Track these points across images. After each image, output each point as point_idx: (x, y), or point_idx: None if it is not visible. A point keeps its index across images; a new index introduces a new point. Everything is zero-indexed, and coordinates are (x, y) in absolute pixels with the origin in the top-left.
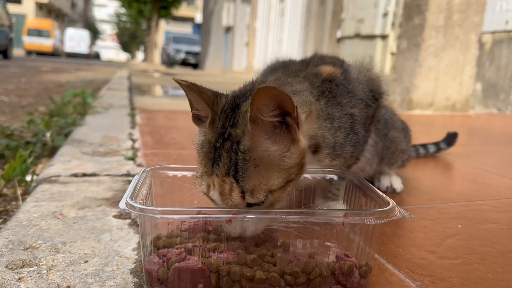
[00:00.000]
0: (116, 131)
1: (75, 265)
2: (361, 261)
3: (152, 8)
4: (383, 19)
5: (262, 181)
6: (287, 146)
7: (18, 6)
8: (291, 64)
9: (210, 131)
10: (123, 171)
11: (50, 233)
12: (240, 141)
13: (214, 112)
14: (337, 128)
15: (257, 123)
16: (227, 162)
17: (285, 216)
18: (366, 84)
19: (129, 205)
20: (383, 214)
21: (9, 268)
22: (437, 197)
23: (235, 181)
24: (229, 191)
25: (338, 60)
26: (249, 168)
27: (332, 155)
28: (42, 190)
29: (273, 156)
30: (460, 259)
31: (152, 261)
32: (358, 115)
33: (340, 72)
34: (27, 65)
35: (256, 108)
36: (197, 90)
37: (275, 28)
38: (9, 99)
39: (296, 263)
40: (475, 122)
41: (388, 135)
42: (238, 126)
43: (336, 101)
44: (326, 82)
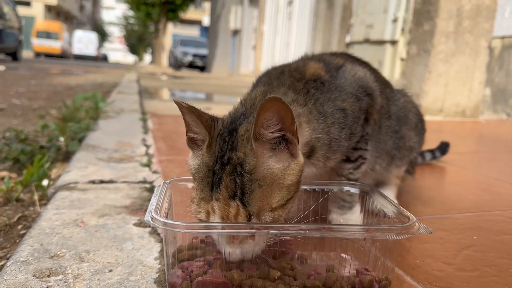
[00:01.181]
0: (129, 136)
1: (100, 274)
2: (381, 275)
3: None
4: (393, 24)
5: (265, 201)
6: (287, 163)
7: (28, 9)
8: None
9: (208, 155)
10: (140, 178)
11: (73, 241)
12: (244, 162)
13: (211, 136)
14: (331, 125)
15: (260, 140)
16: (231, 185)
17: (307, 232)
18: (353, 80)
19: (154, 219)
20: (404, 229)
21: (37, 277)
22: (451, 207)
23: (241, 204)
24: (235, 215)
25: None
26: (255, 189)
27: (327, 154)
28: (62, 197)
29: (276, 174)
30: (478, 272)
31: (176, 274)
32: (349, 108)
33: (324, 70)
34: (36, 67)
35: (260, 123)
36: (197, 113)
37: (282, 31)
38: (20, 102)
39: (316, 277)
40: (485, 129)
41: (399, 131)
42: (238, 148)
43: (325, 97)
44: (311, 82)
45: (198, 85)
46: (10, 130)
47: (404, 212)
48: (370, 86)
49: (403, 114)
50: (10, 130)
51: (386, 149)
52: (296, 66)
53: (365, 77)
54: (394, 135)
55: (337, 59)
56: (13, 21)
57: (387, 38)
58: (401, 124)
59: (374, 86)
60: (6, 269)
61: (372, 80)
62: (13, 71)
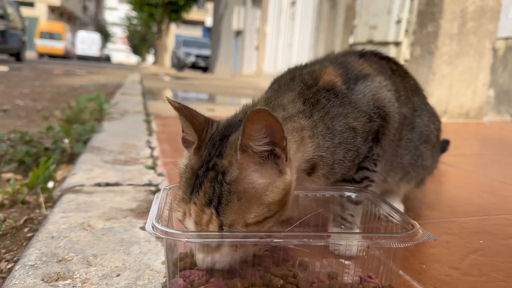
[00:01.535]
0: (134, 138)
1: (108, 278)
2: (384, 282)
3: (163, 12)
4: (397, 26)
5: (240, 215)
6: (272, 179)
7: (31, 9)
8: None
9: (195, 158)
10: (145, 180)
11: (80, 245)
12: (226, 171)
13: (201, 139)
14: (337, 145)
15: (247, 153)
16: (209, 192)
17: (312, 240)
18: (371, 98)
19: (155, 227)
20: (408, 237)
21: (45, 281)
22: (457, 211)
23: (215, 212)
24: (207, 222)
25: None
26: (232, 201)
27: (328, 174)
28: (68, 200)
29: (257, 190)
30: (485, 277)
31: (177, 284)
32: (360, 129)
33: (341, 80)
34: (39, 68)
35: (247, 134)
36: (188, 114)
37: (285, 32)
38: (24, 103)
39: (319, 285)
40: (489, 130)
41: (419, 148)
42: (224, 156)
43: (336, 112)
44: (323, 92)
45: (201, 85)
46: (15, 132)
47: (407, 219)
48: (386, 109)
49: (427, 130)
50: (15, 132)
51: (401, 164)
52: (312, 70)
53: (385, 99)
54: (413, 150)
55: (362, 66)
56: (16, 22)
57: (390, 40)
58: (422, 141)
59: (393, 108)
60: (14, 273)
61: (392, 101)
62: (16, 72)
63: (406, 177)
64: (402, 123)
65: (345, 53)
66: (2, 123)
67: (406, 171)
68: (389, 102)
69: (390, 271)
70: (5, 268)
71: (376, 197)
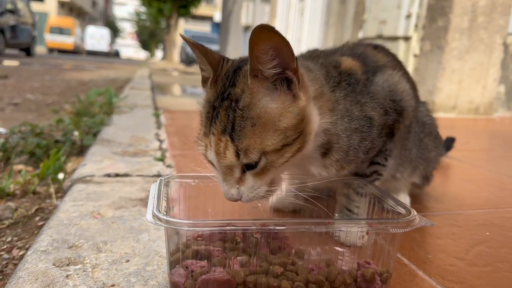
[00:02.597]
0: (143, 131)
1: (117, 264)
2: (382, 268)
3: (171, 7)
4: (406, 20)
5: (257, 141)
6: (285, 104)
7: (41, 4)
8: (313, 51)
9: (211, 91)
10: (154, 171)
11: (90, 232)
12: (239, 98)
13: (217, 73)
14: (354, 130)
15: (257, 78)
16: (224, 120)
17: (314, 227)
18: (388, 92)
19: (156, 217)
20: (406, 223)
21: (57, 266)
22: (464, 203)
23: (230, 139)
24: (224, 150)
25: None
26: (246, 126)
27: (342, 161)
28: (79, 190)
29: (271, 115)
30: (490, 267)
31: (178, 273)
32: (376, 119)
33: (361, 70)
34: (49, 62)
35: (255, 55)
36: (203, 50)
37: (294, 27)
38: (34, 97)
39: (318, 271)
40: (499, 126)
41: (423, 140)
42: (237, 84)
43: (355, 98)
44: (344, 75)
45: None
46: (26, 124)
47: (405, 206)
48: (403, 104)
49: (429, 122)
50: (25, 124)
51: (409, 158)
52: (333, 58)
53: (403, 92)
54: (419, 143)
55: (378, 56)
56: (26, 17)
57: (400, 34)
58: (426, 133)
59: (410, 103)
60: (27, 258)
61: (411, 96)
62: (27, 67)
63: (414, 172)
64: (413, 116)
65: (360, 44)
66: (13, 116)
67: (414, 166)
68: (407, 96)
69: (388, 256)
70: (17, 255)
71: (376, 187)
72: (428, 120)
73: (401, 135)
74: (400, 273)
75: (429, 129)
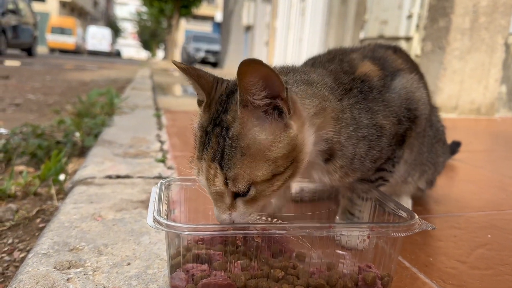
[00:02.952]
0: (144, 132)
1: (118, 267)
2: (383, 272)
3: (173, 7)
4: (408, 21)
5: (246, 171)
6: (276, 134)
7: (42, 5)
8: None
9: (205, 115)
10: (155, 173)
11: (91, 234)
12: (230, 127)
13: (210, 97)
14: (361, 138)
15: (247, 107)
16: (214, 147)
17: (314, 231)
18: (405, 100)
19: (157, 221)
20: (407, 227)
21: (57, 269)
22: (465, 205)
23: (219, 167)
24: (213, 177)
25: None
26: (235, 155)
27: (347, 168)
28: (80, 192)
29: (261, 145)
30: (491, 270)
31: (179, 277)
32: (388, 129)
33: (378, 75)
34: (50, 62)
35: (244, 87)
36: (195, 74)
37: (295, 27)
38: (35, 97)
39: (319, 275)
40: (501, 127)
41: (435, 145)
42: (229, 111)
43: (366, 106)
44: (357, 81)
45: None
46: (27, 125)
47: (407, 210)
48: (417, 112)
49: (441, 129)
50: (27, 125)
51: (421, 161)
52: (351, 58)
53: (420, 101)
54: (431, 147)
55: (398, 61)
56: (28, 17)
57: (401, 35)
58: (438, 139)
59: (425, 111)
60: (28, 261)
61: (426, 104)
62: (28, 67)
63: (424, 174)
64: (427, 120)
65: (380, 46)
66: (15, 116)
67: (423, 170)
68: (423, 104)
69: (389, 260)
70: (18, 257)
71: (378, 191)
72: (440, 126)
73: (414, 142)
74: (401, 276)
75: (440, 136)
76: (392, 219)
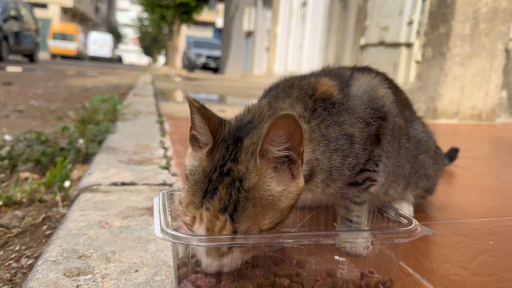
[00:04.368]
0: (148, 139)
1: (126, 274)
2: (385, 277)
3: (174, 13)
4: (408, 27)
5: (255, 222)
6: (286, 185)
7: (44, 11)
8: (284, 82)
9: (207, 160)
10: (160, 180)
11: (99, 242)
12: (244, 178)
13: (215, 141)
14: (333, 151)
15: (266, 158)
16: (224, 198)
17: (321, 239)
18: (368, 102)
19: (165, 232)
20: (409, 233)
21: (67, 276)
22: (467, 212)
23: (230, 219)
24: (220, 229)
25: (345, 71)
26: (248, 207)
27: (327, 181)
28: (86, 199)
29: (273, 196)
30: (494, 277)
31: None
32: (358, 135)
33: (337, 89)
34: (52, 68)
35: (269, 139)
36: (206, 115)
37: (296, 33)
38: (38, 104)
39: (324, 282)
40: (502, 132)
41: (419, 157)
42: (240, 161)
43: (332, 120)
44: (319, 101)
45: (212, 86)
46: (31, 132)
47: (406, 216)
48: (385, 108)
49: (424, 139)
50: (31, 132)
51: (403, 174)
52: (309, 81)
53: (384, 97)
54: (412, 159)
55: (355, 73)
56: (30, 23)
57: (402, 41)
58: (420, 151)
59: (391, 108)
60: (37, 268)
61: (391, 101)
62: (30, 73)
63: (409, 186)
64: (399, 131)
65: (339, 67)
66: (18, 123)
67: (408, 181)
68: (387, 100)
69: (390, 265)
70: (25, 263)
71: (375, 198)
72: (423, 136)
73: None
74: (404, 282)
75: (425, 146)
76: (392, 226)
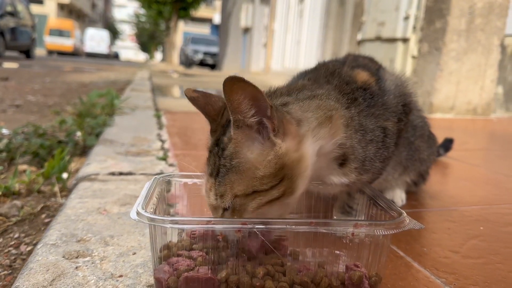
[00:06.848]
0: (145, 132)
1: (124, 256)
2: (371, 271)
3: (171, 9)
4: (404, 22)
5: (230, 186)
6: (263, 152)
7: (40, 7)
8: (322, 67)
9: (211, 139)
10: (157, 170)
11: (97, 227)
12: (225, 147)
13: (216, 122)
14: (369, 141)
15: (240, 128)
16: (212, 164)
17: (294, 227)
18: (400, 98)
19: (140, 214)
20: (393, 224)
21: (66, 258)
22: (459, 201)
23: (215, 181)
24: (209, 191)
25: (373, 64)
26: (227, 173)
27: (360, 169)
28: (84, 188)
29: (248, 163)
30: (483, 259)
31: (162, 270)
32: (390, 129)
33: (374, 81)
34: (49, 64)
35: (233, 108)
36: (202, 103)
37: (293, 29)
38: (36, 99)
39: (305, 273)
40: (497, 127)
41: (414, 143)
42: (226, 133)
43: (369, 112)
44: (360, 90)
45: (209, 82)
46: (29, 125)
47: (395, 208)
48: (412, 105)
49: (420, 125)
50: (28, 125)
51: (400, 160)
52: (346, 70)
53: (412, 93)
54: (409, 146)
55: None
56: (26, 19)
57: (398, 36)
58: (416, 137)
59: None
60: (37, 251)
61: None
62: (27, 69)
63: (405, 172)
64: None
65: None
66: (15, 117)
67: (404, 166)
68: (414, 96)
69: (378, 260)
70: (25, 250)
71: (369, 187)
72: (419, 122)
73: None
74: (396, 264)
75: (420, 131)
76: (383, 216)
